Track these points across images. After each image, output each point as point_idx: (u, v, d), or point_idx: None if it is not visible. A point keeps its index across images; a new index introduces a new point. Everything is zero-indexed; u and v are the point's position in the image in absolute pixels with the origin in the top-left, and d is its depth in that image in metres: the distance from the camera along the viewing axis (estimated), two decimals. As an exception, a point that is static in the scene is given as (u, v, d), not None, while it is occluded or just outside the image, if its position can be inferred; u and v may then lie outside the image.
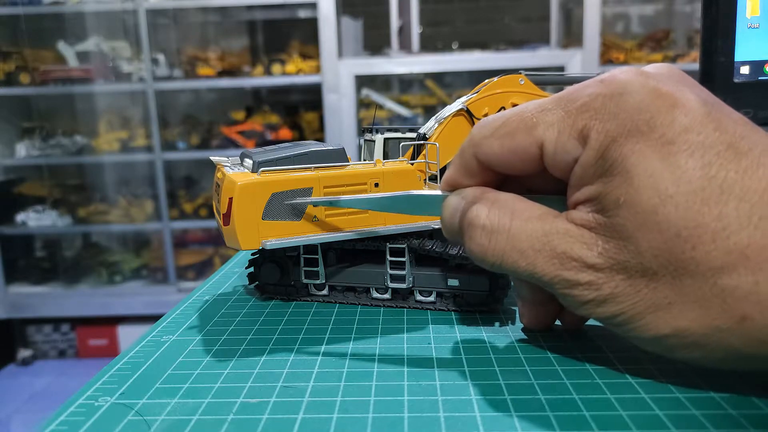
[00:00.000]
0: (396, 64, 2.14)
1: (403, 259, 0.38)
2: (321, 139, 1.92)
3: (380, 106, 2.24)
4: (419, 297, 0.38)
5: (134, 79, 2.24)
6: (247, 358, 0.31)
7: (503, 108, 0.41)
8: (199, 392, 0.27)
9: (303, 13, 2.28)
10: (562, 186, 0.27)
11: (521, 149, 0.27)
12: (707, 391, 0.26)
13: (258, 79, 2.25)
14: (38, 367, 2.27)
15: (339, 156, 0.37)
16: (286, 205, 0.34)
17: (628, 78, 0.25)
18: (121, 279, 2.36)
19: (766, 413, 0.24)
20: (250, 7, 2.35)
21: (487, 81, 0.42)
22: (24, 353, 2.29)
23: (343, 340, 0.33)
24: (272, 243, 0.33)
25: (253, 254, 0.41)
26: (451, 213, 0.29)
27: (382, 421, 0.24)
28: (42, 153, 2.28)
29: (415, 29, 2.36)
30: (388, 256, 0.38)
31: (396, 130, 0.43)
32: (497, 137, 0.28)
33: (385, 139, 0.43)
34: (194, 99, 2.56)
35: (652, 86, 0.25)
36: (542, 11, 2.43)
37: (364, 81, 2.24)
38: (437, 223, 0.37)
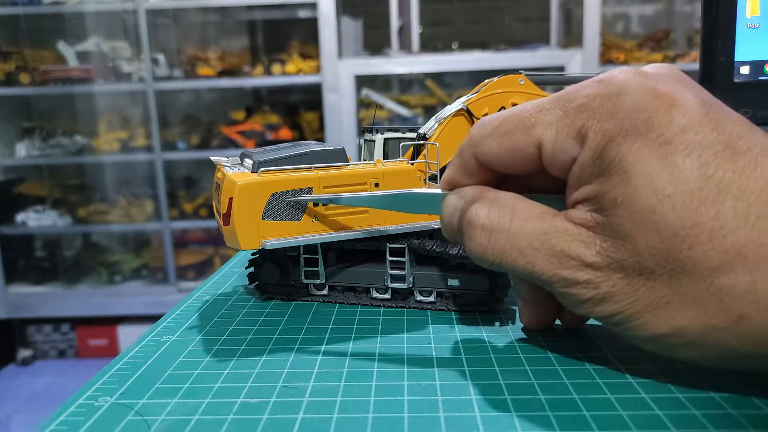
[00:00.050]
0: (396, 64, 2.14)
1: (403, 259, 0.38)
2: (321, 139, 1.92)
3: (380, 106, 2.24)
4: (419, 297, 0.38)
5: (134, 79, 2.24)
6: (247, 358, 0.31)
7: (503, 108, 0.41)
8: (199, 392, 0.27)
9: (303, 13, 2.28)
10: (561, 185, 0.27)
11: (520, 149, 0.27)
12: (707, 391, 0.26)
13: (258, 79, 2.25)
14: (38, 367, 2.27)
15: (339, 156, 0.37)
16: (287, 204, 0.34)
17: (626, 78, 0.25)
18: (121, 279, 2.36)
19: (766, 413, 0.24)
20: (250, 7, 2.35)
21: (487, 81, 0.42)
22: (24, 353, 2.29)
23: (343, 340, 0.33)
24: (272, 243, 0.33)
25: (253, 254, 0.41)
26: (451, 212, 0.29)
27: (382, 421, 0.25)
28: (42, 153, 2.28)
29: (415, 29, 2.36)
30: (388, 256, 0.38)
31: (396, 130, 0.43)
32: (496, 137, 0.28)
33: (385, 139, 0.43)
34: (194, 99, 2.56)
35: (650, 86, 0.25)
36: (542, 11, 2.43)
37: (364, 81, 2.24)
38: (437, 223, 0.37)
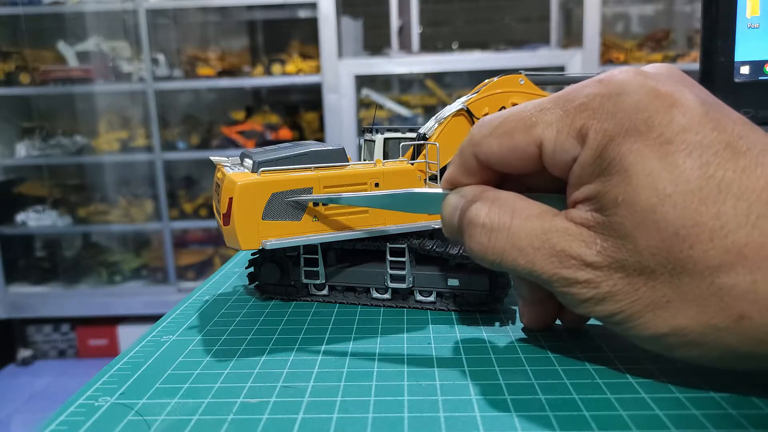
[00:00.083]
0: (396, 64, 2.14)
1: (403, 259, 0.38)
2: (321, 139, 1.92)
3: (380, 106, 2.24)
4: (419, 297, 0.38)
5: (134, 79, 2.24)
6: (247, 358, 0.31)
7: (503, 108, 0.41)
8: (199, 392, 0.27)
9: (303, 13, 2.28)
10: (562, 184, 0.27)
11: (520, 148, 0.27)
12: (707, 391, 0.26)
13: (258, 79, 2.25)
14: (38, 367, 2.27)
15: (339, 156, 0.37)
16: (287, 204, 0.34)
17: (626, 78, 0.25)
18: (121, 279, 2.36)
19: (766, 413, 0.24)
20: (250, 7, 2.35)
21: (487, 81, 0.42)
22: (24, 353, 2.29)
23: (343, 340, 0.33)
24: (272, 243, 0.33)
25: (253, 254, 0.41)
26: (451, 211, 0.29)
27: (382, 421, 0.24)
28: (42, 153, 2.28)
29: (415, 29, 2.36)
30: (388, 256, 0.38)
31: (396, 130, 0.43)
32: (496, 136, 0.28)
33: (385, 139, 0.43)
34: (194, 99, 2.56)
35: (650, 86, 0.25)
36: (542, 11, 2.43)
37: (364, 81, 2.24)
38: (437, 222, 0.37)
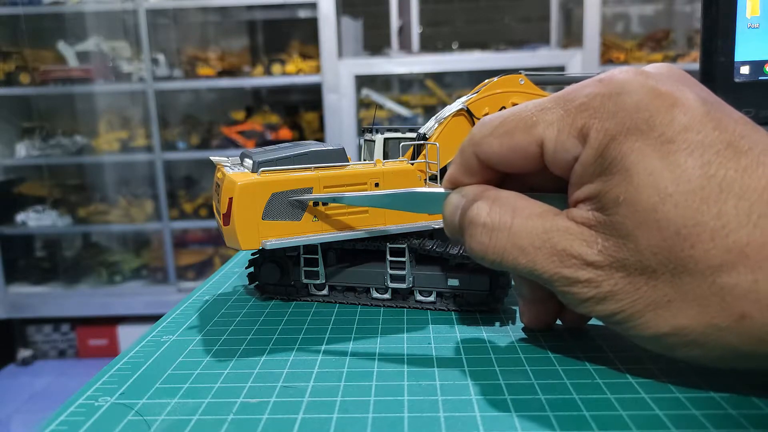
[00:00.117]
0: (396, 64, 2.14)
1: (404, 259, 0.38)
2: (321, 139, 1.92)
3: (380, 106, 2.24)
4: (419, 297, 0.38)
5: (134, 79, 2.24)
6: (247, 358, 0.31)
7: (503, 108, 0.41)
8: (199, 392, 0.27)
9: (303, 13, 2.28)
10: (563, 184, 0.27)
11: (521, 148, 0.27)
12: (707, 391, 0.26)
13: (258, 79, 2.25)
14: (38, 367, 2.27)
15: (339, 156, 0.37)
16: (287, 204, 0.34)
17: (626, 77, 0.25)
18: (121, 279, 2.36)
19: (766, 413, 0.24)
20: (250, 7, 2.35)
21: (487, 81, 0.42)
22: (24, 353, 2.29)
23: (343, 340, 0.33)
24: (272, 243, 0.33)
25: (253, 254, 0.41)
26: (452, 211, 0.29)
27: (382, 421, 0.24)
28: (42, 153, 2.28)
29: (415, 29, 2.36)
30: (388, 256, 0.38)
31: (396, 130, 0.43)
32: (497, 136, 0.28)
33: (385, 139, 0.43)
34: (194, 99, 2.56)
35: (651, 85, 0.25)
36: (542, 11, 2.43)
37: (364, 81, 2.24)
38: (437, 222, 0.37)
